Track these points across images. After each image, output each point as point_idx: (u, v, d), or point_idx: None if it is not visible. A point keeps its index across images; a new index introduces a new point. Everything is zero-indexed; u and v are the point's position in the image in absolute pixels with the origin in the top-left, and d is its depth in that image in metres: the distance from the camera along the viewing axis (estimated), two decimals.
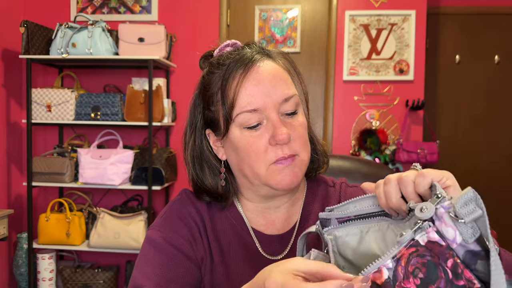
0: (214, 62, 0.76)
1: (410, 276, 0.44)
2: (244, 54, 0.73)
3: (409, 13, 2.87)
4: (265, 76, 0.71)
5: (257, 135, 0.71)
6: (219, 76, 0.73)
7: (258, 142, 0.70)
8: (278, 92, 0.71)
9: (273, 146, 0.70)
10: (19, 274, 2.74)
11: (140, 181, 2.63)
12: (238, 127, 0.71)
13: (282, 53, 0.78)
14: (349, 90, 2.93)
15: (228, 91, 0.71)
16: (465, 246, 0.43)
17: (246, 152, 0.71)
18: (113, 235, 2.55)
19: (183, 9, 2.94)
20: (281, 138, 0.69)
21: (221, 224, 0.80)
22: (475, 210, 0.42)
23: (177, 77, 2.95)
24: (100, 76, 2.96)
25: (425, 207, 0.43)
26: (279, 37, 3.00)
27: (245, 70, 0.71)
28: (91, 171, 2.58)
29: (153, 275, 0.72)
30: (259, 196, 0.78)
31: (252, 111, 0.70)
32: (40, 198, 3.02)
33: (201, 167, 0.79)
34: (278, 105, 0.71)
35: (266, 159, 0.71)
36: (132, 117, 2.61)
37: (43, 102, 2.63)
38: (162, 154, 2.68)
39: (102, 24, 2.60)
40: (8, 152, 2.85)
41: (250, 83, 0.70)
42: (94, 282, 2.71)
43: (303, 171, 0.74)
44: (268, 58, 0.74)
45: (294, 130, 0.72)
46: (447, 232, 0.43)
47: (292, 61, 0.78)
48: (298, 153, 0.72)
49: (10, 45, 2.83)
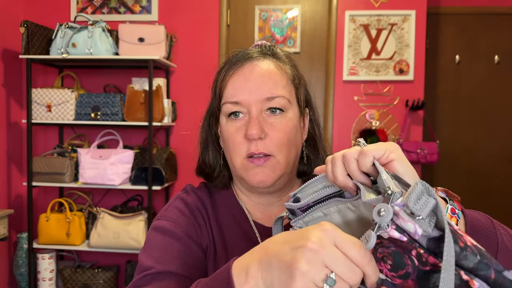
0: (226, 58, 0.81)
1: (381, 261, 0.45)
2: (247, 53, 0.78)
3: (409, 13, 2.87)
4: (255, 73, 0.74)
5: (238, 126, 0.74)
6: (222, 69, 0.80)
7: (236, 134, 0.74)
8: (263, 90, 0.73)
9: (247, 141, 0.73)
10: (19, 274, 2.74)
11: (140, 181, 2.63)
12: (224, 116, 0.77)
13: (289, 56, 0.82)
14: (349, 90, 2.93)
15: (221, 82, 0.77)
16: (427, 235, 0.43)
17: (228, 141, 0.76)
18: (113, 235, 2.55)
19: (183, 9, 2.94)
20: (251, 133, 0.71)
21: (223, 214, 0.82)
22: (427, 201, 0.42)
23: (177, 77, 2.95)
24: (100, 76, 2.96)
25: (383, 210, 0.42)
26: (279, 37, 3.00)
27: (240, 66, 0.75)
28: (91, 171, 2.58)
29: (160, 258, 0.72)
30: (247, 190, 0.82)
31: (234, 103, 0.74)
32: (40, 198, 3.02)
33: (206, 148, 0.85)
34: (260, 103, 0.73)
35: (240, 152, 0.74)
36: (132, 117, 2.61)
37: (43, 102, 2.63)
38: (162, 154, 2.68)
39: (102, 24, 2.60)
40: (8, 152, 2.85)
41: (238, 78, 0.75)
42: (94, 282, 2.71)
43: (277, 172, 0.74)
44: (271, 58, 0.77)
45: (273, 130, 0.73)
46: (407, 226, 0.43)
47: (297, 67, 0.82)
48: (273, 153, 0.73)
49: (10, 45, 2.83)
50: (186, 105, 2.93)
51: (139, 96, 2.62)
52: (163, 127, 2.91)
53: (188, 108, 2.92)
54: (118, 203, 2.90)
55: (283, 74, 0.76)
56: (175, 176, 2.88)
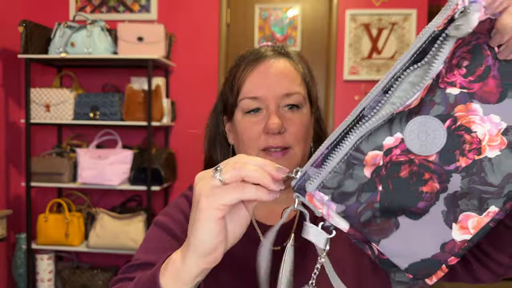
0: (241, 55, 0.83)
1: (455, 68, 0.41)
2: (262, 52, 0.80)
3: (410, 12, 2.85)
4: (273, 70, 0.76)
5: (255, 121, 0.75)
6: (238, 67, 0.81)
7: (253, 128, 0.75)
8: (281, 86, 0.75)
9: (265, 134, 0.74)
10: (18, 274, 2.73)
11: (139, 181, 2.62)
12: (241, 112, 0.77)
13: (300, 55, 0.84)
14: (349, 90, 2.91)
15: (238, 79, 0.78)
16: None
17: (242, 136, 0.77)
18: (112, 235, 2.54)
19: (183, 8, 2.92)
20: (272, 127, 0.72)
21: None
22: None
23: (176, 77, 2.94)
24: (99, 76, 2.95)
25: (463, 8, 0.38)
26: (279, 36, 2.98)
27: (257, 63, 0.78)
28: (90, 171, 2.57)
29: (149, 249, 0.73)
30: None
31: (253, 98, 0.75)
32: (38, 198, 3.00)
33: (214, 146, 0.86)
34: (279, 99, 0.75)
35: (257, 145, 0.75)
36: (131, 117, 2.59)
37: (42, 102, 2.61)
38: (161, 154, 2.66)
39: (101, 24, 2.58)
40: (7, 152, 2.83)
41: (256, 74, 0.76)
42: (93, 283, 2.70)
43: (294, 165, 0.75)
44: (285, 57, 0.80)
45: (291, 124, 0.75)
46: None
47: (309, 65, 0.84)
48: (291, 145, 0.75)
49: (9, 44, 2.81)
50: (186, 104, 2.91)
51: (138, 95, 2.60)
52: (162, 127, 2.90)
53: (188, 107, 2.91)
54: (117, 204, 2.88)
55: (298, 72, 0.79)
56: (174, 176, 2.86)
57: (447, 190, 0.41)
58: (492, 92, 0.40)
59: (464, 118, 0.40)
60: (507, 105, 0.40)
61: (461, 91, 0.41)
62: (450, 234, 0.41)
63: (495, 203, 0.40)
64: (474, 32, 0.39)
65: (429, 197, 0.41)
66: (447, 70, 0.41)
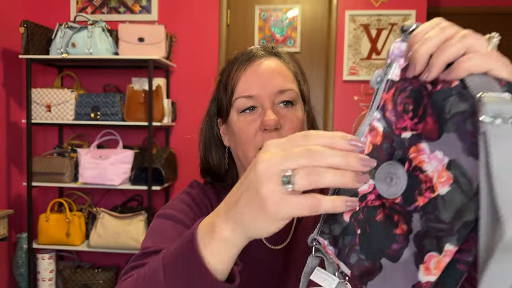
0: (233, 58, 0.84)
1: (403, 114, 0.43)
2: (253, 52, 0.81)
3: (409, 13, 2.87)
4: (265, 69, 0.77)
5: (251, 120, 0.76)
6: (230, 68, 0.82)
7: (249, 126, 0.75)
8: (275, 83, 0.76)
9: (262, 132, 0.74)
10: (19, 274, 2.74)
11: (140, 181, 2.63)
12: (236, 111, 0.78)
13: (291, 55, 0.84)
14: (349, 90, 2.93)
15: (232, 79, 0.79)
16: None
17: (239, 135, 0.77)
18: (113, 235, 2.55)
19: (183, 9, 2.94)
20: (269, 123, 0.73)
21: None
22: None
23: (177, 77, 2.95)
24: (100, 76, 2.96)
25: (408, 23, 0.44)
26: (279, 37, 2.99)
27: (249, 63, 0.79)
28: (91, 171, 2.58)
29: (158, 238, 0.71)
30: None
31: (247, 97, 0.76)
32: (40, 198, 3.01)
33: (210, 149, 0.86)
34: (273, 96, 0.76)
35: (255, 143, 0.75)
36: (132, 117, 2.61)
37: (43, 102, 2.63)
38: (162, 154, 2.68)
39: (102, 24, 2.59)
40: (8, 152, 2.85)
41: (250, 73, 0.77)
42: (94, 282, 2.71)
43: None
44: (275, 57, 0.81)
45: (287, 120, 0.75)
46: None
47: (299, 64, 0.84)
48: None
49: (10, 45, 2.83)
50: (186, 105, 2.93)
51: (139, 96, 2.61)
52: (163, 127, 2.91)
53: (188, 108, 2.92)
54: (117, 203, 2.90)
55: (289, 70, 0.80)
56: (175, 176, 2.87)
57: (412, 231, 0.41)
58: (432, 129, 0.41)
59: (416, 159, 0.42)
60: (446, 139, 0.40)
61: (412, 134, 0.43)
62: (417, 275, 0.40)
63: (450, 240, 0.38)
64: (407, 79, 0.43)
65: (402, 239, 0.42)
66: (396, 117, 0.44)
